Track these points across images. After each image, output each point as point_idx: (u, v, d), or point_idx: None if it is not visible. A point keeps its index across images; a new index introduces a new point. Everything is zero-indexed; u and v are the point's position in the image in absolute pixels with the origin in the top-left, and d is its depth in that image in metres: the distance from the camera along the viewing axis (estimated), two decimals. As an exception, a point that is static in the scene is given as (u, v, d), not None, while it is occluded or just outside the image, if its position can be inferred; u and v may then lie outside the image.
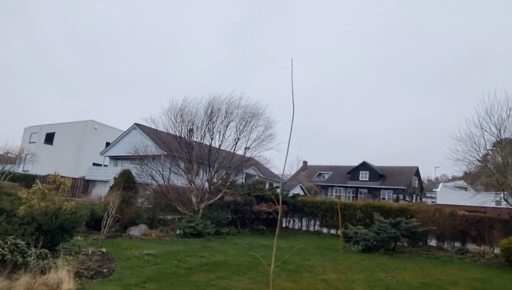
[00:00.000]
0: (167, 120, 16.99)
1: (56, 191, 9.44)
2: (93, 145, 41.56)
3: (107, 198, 22.83)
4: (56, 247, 8.08)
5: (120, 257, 8.79)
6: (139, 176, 18.41)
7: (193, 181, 17.11)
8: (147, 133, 31.64)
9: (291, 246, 15.17)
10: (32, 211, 8.00)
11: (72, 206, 9.22)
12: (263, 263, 9.34)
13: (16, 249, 6.10)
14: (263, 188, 24.17)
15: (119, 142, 35.33)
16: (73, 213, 8.45)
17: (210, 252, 11.05)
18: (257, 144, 18.15)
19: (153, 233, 15.14)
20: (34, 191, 9.02)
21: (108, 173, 33.30)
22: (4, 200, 8.48)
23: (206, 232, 15.74)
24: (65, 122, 42.84)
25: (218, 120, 16.84)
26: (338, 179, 60.08)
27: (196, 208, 17.03)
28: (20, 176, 30.63)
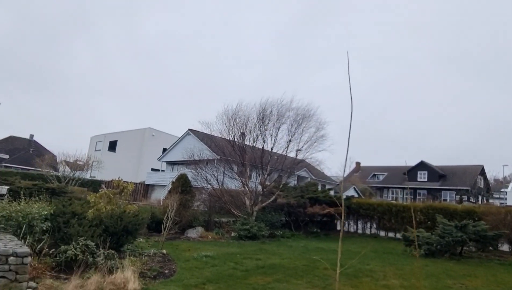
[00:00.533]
0: (221, 124, 17.39)
1: (120, 195, 10.03)
2: (151, 151, 43.62)
3: (165, 202, 23.87)
4: (121, 248, 8.57)
5: (180, 259, 9.09)
6: (194, 180, 19.00)
7: (247, 184, 17.29)
8: (200, 138, 32.60)
9: (347, 249, 14.73)
10: (99, 214, 8.56)
11: (134, 209, 9.73)
12: (324, 266, 9.18)
13: (86, 250, 6.55)
14: (316, 190, 23.78)
15: (174, 147, 36.75)
16: (136, 216, 8.91)
17: (265, 254, 11.06)
18: (308, 145, 17.95)
19: (209, 235, 15.53)
20: (101, 195, 9.66)
21: (165, 178, 34.75)
22: (75, 204, 9.16)
23: (260, 234, 15.81)
24: (126, 130, 45.45)
25: (270, 123, 16.92)
26: (394, 180, 57.45)
27: (250, 211, 17.19)
28: (88, 182, 33.11)
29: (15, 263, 5.08)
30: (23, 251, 5.20)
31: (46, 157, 36.02)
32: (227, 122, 17.26)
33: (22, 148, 53.78)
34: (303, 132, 17.71)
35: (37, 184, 23.49)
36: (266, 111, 16.96)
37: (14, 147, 52.27)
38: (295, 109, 17.18)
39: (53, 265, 6.33)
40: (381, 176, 61.01)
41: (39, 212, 7.10)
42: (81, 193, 24.83)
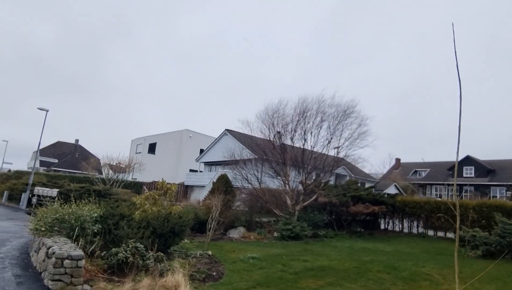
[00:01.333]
0: (260, 123, 17.16)
1: (164, 196, 10.05)
2: (189, 152, 44.18)
3: (205, 202, 24.02)
4: (168, 250, 8.55)
5: (226, 260, 8.94)
6: (234, 179, 18.92)
7: (288, 183, 16.96)
8: (237, 137, 32.57)
9: (395, 250, 14.04)
10: (146, 215, 8.59)
11: (179, 210, 9.70)
12: (377, 268, 8.67)
13: (136, 252, 6.52)
14: (358, 188, 23.00)
15: (212, 148, 37.01)
16: (181, 217, 8.86)
17: (312, 255, 10.68)
18: (350, 142, 17.30)
19: (251, 236, 15.36)
20: (146, 197, 9.72)
21: (204, 178, 35.10)
22: (123, 206, 9.26)
23: (303, 234, 15.44)
24: (164, 132, 46.44)
25: (309, 120, 16.48)
26: (437, 176, 54.69)
27: (291, 210, 16.85)
28: (130, 184, 34.14)
29: (70, 266, 5.10)
30: (78, 254, 5.21)
31: (92, 160, 37.60)
32: (267, 120, 17.01)
33: (68, 152, 56.59)
34: (343, 129, 17.13)
35: (84, 187, 24.51)
36: (306, 109, 16.54)
37: (62, 151, 55.08)
38: (335, 106, 16.64)
39: (105, 267, 6.35)
40: (423, 173, 58.32)
41: (89, 215, 7.19)
42: (125, 195, 25.59)
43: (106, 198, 20.30)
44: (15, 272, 5.88)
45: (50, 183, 25.47)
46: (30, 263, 6.58)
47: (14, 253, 7.52)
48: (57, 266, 5.02)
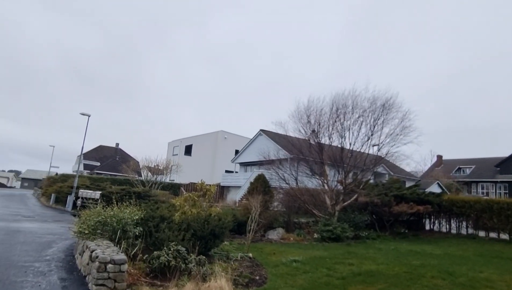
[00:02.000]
0: (294, 122, 16.75)
1: (203, 197, 9.92)
2: (224, 153, 44.46)
3: (242, 203, 23.90)
4: (209, 252, 8.38)
5: (268, 263, 8.65)
6: (271, 179, 18.62)
7: (327, 182, 16.42)
8: (272, 138, 32.33)
9: (445, 252, 13.14)
10: (186, 217, 8.47)
11: (219, 212, 9.53)
12: (431, 274, 8.03)
13: (178, 255, 6.37)
14: (401, 187, 21.96)
15: (247, 149, 36.98)
16: (221, 219, 8.67)
17: (357, 259, 10.15)
18: (391, 139, 16.44)
19: (291, 237, 14.99)
20: (186, 198, 9.62)
21: (239, 179, 35.12)
22: (162, 208, 9.22)
23: (344, 236, 14.87)
24: (200, 134, 47.02)
25: (346, 117, 15.85)
26: (483, 173, 51.51)
27: (331, 211, 16.30)
28: (168, 185, 34.79)
29: (113, 271, 5.01)
30: (120, 258, 5.10)
31: (131, 163, 38.72)
32: (299, 119, 16.56)
33: (109, 155, 58.78)
34: (384, 124, 16.30)
35: (125, 189, 25.18)
36: (342, 105, 15.90)
37: (103, 155, 57.29)
38: (373, 100, 15.86)
39: (147, 270, 6.25)
40: (467, 170, 55.17)
41: (131, 217, 7.16)
42: (163, 197, 26.04)
43: (145, 200, 20.72)
44: (60, 275, 5.90)
45: (93, 185, 26.39)
46: (75, 266, 6.62)
47: (59, 255, 7.64)
48: (101, 271, 4.94)
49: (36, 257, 7.17)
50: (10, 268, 6.08)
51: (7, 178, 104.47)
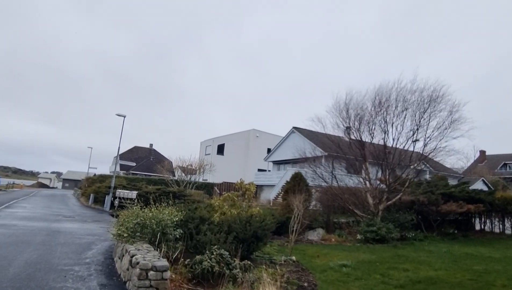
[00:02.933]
0: (333, 116, 15.94)
1: (243, 197, 9.45)
2: (256, 152, 44.06)
3: (278, 202, 23.32)
4: (251, 256, 7.89)
5: (314, 268, 8.03)
6: (308, 178, 17.92)
7: (369, 181, 15.54)
8: (305, 135, 31.59)
9: (505, 256, 11.98)
10: (226, 218, 8.02)
11: (259, 213, 9.02)
12: (502, 282, 7.09)
13: (221, 260, 5.91)
14: (447, 184, 20.59)
15: (279, 147, 36.45)
16: (263, 220, 8.15)
17: (410, 263, 9.32)
18: (439, 133, 15.27)
19: (332, 238, 14.27)
20: (224, 198, 9.19)
21: (272, 178, 34.59)
22: (201, 208, 8.84)
23: (389, 237, 13.99)
24: (231, 133, 46.91)
25: (389, 110, 14.86)
26: (532, 169, 47.95)
27: (374, 210, 15.39)
28: (201, 185, 34.80)
29: (155, 278, 4.61)
30: (162, 265, 4.69)
31: (166, 163, 39.15)
32: (339, 113, 15.73)
33: (144, 156, 60.00)
34: (430, 117, 15.16)
35: (160, 188, 25.29)
36: (384, 98, 14.93)
37: (138, 156, 58.54)
38: (418, 91, 14.78)
39: (189, 276, 5.83)
40: (514, 165, 51.68)
41: (170, 219, 6.77)
42: (197, 196, 25.96)
43: (180, 200, 20.63)
44: (100, 280, 5.60)
45: (129, 185, 26.74)
46: (114, 270, 6.33)
47: (99, 258, 7.41)
48: (142, 278, 4.56)
49: (76, 260, 6.97)
50: (50, 272, 5.86)
51: (50, 179, 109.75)
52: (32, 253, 7.34)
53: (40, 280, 5.38)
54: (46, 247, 8.12)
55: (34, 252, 7.40)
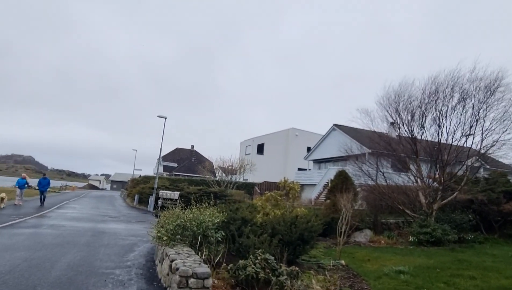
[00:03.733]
0: (381, 109, 14.97)
1: (286, 197, 8.94)
2: (296, 150, 43.46)
3: (322, 201, 22.54)
4: (297, 260, 7.36)
5: (367, 274, 7.35)
6: (353, 177, 17.05)
7: (422, 178, 14.44)
8: (347, 132, 30.58)
9: None
10: (270, 219, 7.55)
11: (303, 213, 8.47)
12: None
13: (267, 265, 5.45)
14: (508, 181, 18.77)
15: (319, 145, 35.68)
16: (309, 221, 7.58)
17: (475, 270, 8.33)
18: (501, 125, 13.81)
19: (381, 240, 13.39)
20: (267, 198, 8.73)
21: (313, 177, 33.81)
22: (243, 209, 8.44)
23: (446, 239, 12.87)
24: (271, 132, 46.60)
25: (444, 102, 13.67)
26: None
27: (427, 210, 14.26)
28: (242, 185, 34.69)
29: (196, 286, 4.23)
30: (204, 272, 4.31)
31: (207, 163, 39.51)
32: (388, 106, 14.74)
33: (186, 157, 61.20)
34: (490, 109, 13.76)
35: (202, 189, 25.38)
36: (438, 88, 13.74)
37: (180, 157, 59.79)
38: (478, 80, 13.44)
39: (232, 282, 5.42)
40: None
41: (211, 220, 6.41)
42: (238, 196, 25.77)
43: (221, 200, 20.49)
44: (140, 286, 5.34)
45: (171, 186, 27.12)
46: (155, 274, 6.07)
47: (140, 260, 7.23)
48: (182, 286, 4.20)
49: (117, 263, 6.81)
50: (91, 275, 5.70)
51: (99, 181, 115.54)
52: (75, 254, 7.31)
53: (80, 284, 5.22)
54: (89, 249, 8.10)
55: (78, 254, 7.37)
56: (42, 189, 20.46)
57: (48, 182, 20.88)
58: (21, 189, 19.27)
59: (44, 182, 20.64)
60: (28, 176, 21.68)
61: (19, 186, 19.23)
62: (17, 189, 19.32)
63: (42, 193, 20.42)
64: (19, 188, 19.22)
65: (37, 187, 21.39)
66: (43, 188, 20.44)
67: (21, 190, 19.32)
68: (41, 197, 20.40)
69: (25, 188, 19.80)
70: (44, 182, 20.63)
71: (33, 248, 7.67)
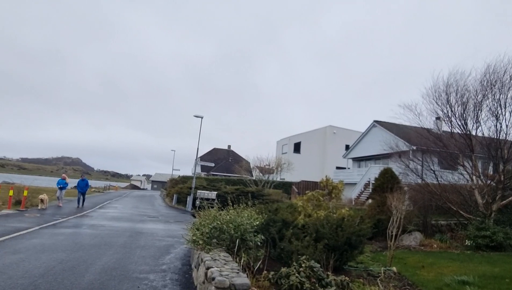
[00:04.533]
0: (430, 101, 13.80)
1: (328, 196, 8.28)
2: (334, 149, 42.42)
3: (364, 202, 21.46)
4: (344, 266, 6.69)
5: (424, 284, 6.53)
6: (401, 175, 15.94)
7: (479, 176, 13.17)
8: (389, 128, 29.22)
9: None
10: (313, 222, 6.93)
11: (348, 214, 7.76)
12: None
13: (312, 274, 4.86)
14: None
15: (359, 143, 34.48)
16: (358, 223, 6.88)
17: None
18: None
19: (433, 244, 12.30)
20: (308, 198, 8.11)
21: (353, 175, 32.68)
22: (283, 209, 7.88)
23: (508, 243, 11.58)
24: (308, 130, 45.74)
25: (502, 91, 12.32)
26: None
27: (485, 211, 12.94)
28: (279, 184, 34.13)
29: (234, 300, 3.73)
30: (243, 283, 3.80)
31: (243, 163, 39.33)
32: (437, 98, 13.56)
33: (223, 157, 61.58)
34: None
35: (239, 188, 25.11)
36: (495, 77, 12.40)
37: (217, 157, 60.21)
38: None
39: (275, 292, 4.88)
40: None
41: (250, 223, 5.90)
42: (276, 196, 25.24)
43: (258, 199, 20.06)
44: (174, 293, 4.94)
45: (209, 186, 27.11)
46: (191, 280, 5.67)
47: (176, 264, 6.88)
48: (218, 299, 3.72)
49: (152, 266, 6.50)
50: (124, 281, 5.38)
51: (141, 181, 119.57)
52: (111, 257, 7.09)
53: (112, 290, 4.90)
54: (125, 250, 7.89)
55: (113, 256, 7.15)
56: (81, 190, 19.84)
57: (86, 184, 20.15)
58: (61, 190, 18.92)
59: (82, 183, 20.04)
60: (74, 177, 22.17)
61: (59, 187, 18.91)
62: (58, 190, 19.01)
63: (81, 194, 19.76)
64: (59, 189, 18.91)
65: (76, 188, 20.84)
66: (81, 190, 19.83)
67: (61, 191, 18.95)
68: (79, 198, 19.72)
69: (65, 188, 19.42)
70: (82, 184, 20.01)
71: (70, 249, 7.57)
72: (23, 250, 7.14)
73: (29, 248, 7.36)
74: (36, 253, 6.91)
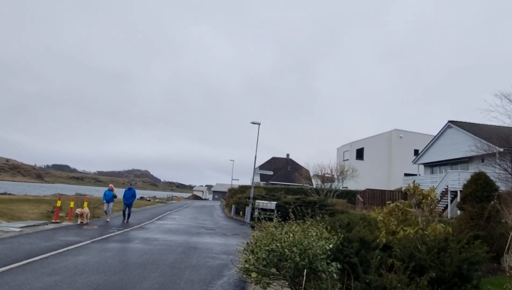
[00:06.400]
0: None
1: (417, 208, 6.53)
2: (401, 154, 39.35)
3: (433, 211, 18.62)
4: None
5: None
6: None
7: None
8: (467, 129, 25.88)
9: None
10: (402, 242, 5.28)
11: (448, 232, 5.95)
12: None
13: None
14: None
15: (431, 146, 31.21)
16: (465, 247, 5.08)
17: None
18: None
19: (550, 267, 9.75)
20: (391, 210, 6.44)
21: (425, 182, 29.36)
22: (358, 225, 6.30)
23: None
24: (371, 136, 43.02)
25: None
26: None
27: None
28: (342, 193, 31.86)
29: None
30: None
31: (303, 171, 37.66)
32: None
33: (281, 166, 60.29)
34: None
35: (300, 198, 23.53)
36: None
37: (276, 166, 59.06)
38: None
39: None
40: None
41: (321, 246, 4.44)
42: (341, 206, 23.24)
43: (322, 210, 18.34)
44: None
45: (268, 195, 25.91)
46: (245, 320, 4.39)
47: None
48: None
49: (200, 295, 5.34)
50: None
51: (202, 191, 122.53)
52: (154, 280, 6.06)
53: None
54: (173, 272, 6.84)
55: (157, 280, 6.11)
56: (127, 202, 16.96)
57: (133, 194, 17.22)
58: (108, 203, 16.42)
59: (128, 193, 17.12)
60: (143, 188, 21.30)
61: (106, 200, 16.43)
62: (105, 203, 16.50)
63: (127, 206, 16.93)
64: (106, 202, 16.42)
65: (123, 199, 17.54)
66: (127, 201, 16.95)
67: (109, 204, 16.44)
68: (125, 211, 16.95)
69: (113, 201, 16.79)
70: (129, 194, 17.09)
71: (113, 269, 6.68)
72: (63, 270, 6.40)
73: (69, 267, 6.62)
74: (73, 275, 6.10)
